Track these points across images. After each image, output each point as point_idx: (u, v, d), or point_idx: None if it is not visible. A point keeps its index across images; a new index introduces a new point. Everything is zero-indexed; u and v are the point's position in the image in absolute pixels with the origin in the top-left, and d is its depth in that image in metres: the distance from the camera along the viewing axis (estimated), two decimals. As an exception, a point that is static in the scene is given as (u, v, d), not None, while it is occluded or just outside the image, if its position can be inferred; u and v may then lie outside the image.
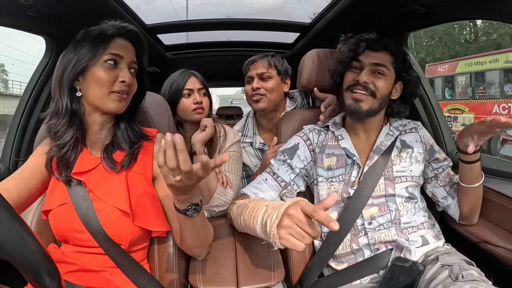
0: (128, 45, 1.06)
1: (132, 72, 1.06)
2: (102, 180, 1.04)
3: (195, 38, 2.75)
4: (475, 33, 18.19)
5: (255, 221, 1.03)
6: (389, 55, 1.29)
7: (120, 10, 1.57)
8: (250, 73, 1.84)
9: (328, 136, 1.38)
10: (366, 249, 1.22)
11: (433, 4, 1.31)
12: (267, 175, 1.36)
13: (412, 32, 1.79)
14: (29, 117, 1.66)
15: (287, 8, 10.59)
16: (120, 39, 1.04)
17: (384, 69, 1.26)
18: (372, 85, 1.25)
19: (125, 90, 1.02)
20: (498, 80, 9.79)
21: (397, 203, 1.24)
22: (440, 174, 1.33)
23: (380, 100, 1.26)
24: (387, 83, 1.28)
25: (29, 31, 1.48)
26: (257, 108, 1.83)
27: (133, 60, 1.06)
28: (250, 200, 1.18)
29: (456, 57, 13.86)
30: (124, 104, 1.05)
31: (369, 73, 1.26)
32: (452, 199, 1.33)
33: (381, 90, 1.26)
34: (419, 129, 1.37)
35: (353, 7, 1.53)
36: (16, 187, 1.01)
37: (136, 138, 1.09)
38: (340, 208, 1.28)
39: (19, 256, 0.53)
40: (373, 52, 1.28)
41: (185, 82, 1.66)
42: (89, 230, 0.98)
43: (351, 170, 1.30)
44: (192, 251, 1.14)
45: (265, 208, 1.01)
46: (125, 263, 1.02)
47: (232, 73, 2.33)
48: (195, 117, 1.65)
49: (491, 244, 1.27)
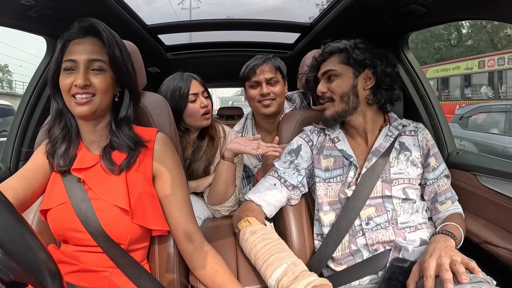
0: (88, 42, 1.02)
1: (95, 70, 1.01)
2: (102, 177, 1.04)
3: (195, 38, 2.76)
4: (459, 37, 18.64)
5: (268, 272, 1.05)
6: (336, 55, 1.35)
7: (121, 10, 1.58)
8: (257, 77, 1.82)
9: (326, 138, 1.39)
10: (364, 250, 1.22)
11: (433, 4, 1.31)
12: (275, 179, 1.35)
13: (412, 32, 1.80)
14: (30, 118, 1.67)
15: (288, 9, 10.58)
16: (78, 39, 1.01)
17: (333, 71, 1.33)
18: (329, 92, 1.33)
19: (80, 92, 0.98)
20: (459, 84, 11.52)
21: (394, 204, 1.24)
22: (427, 186, 1.34)
23: (342, 100, 1.31)
24: (343, 81, 1.32)
25: (30, 32, 1.48)
26: (268, 113, 1.84)
27: (93, 58, 1.00)
28: (267, 232, 1.18)
29: (441, 60, 15.52)
30: (87, 107, 1.00)
31: (325, 82, 1.35)
32: (433, 214, 1.35)
33: (337, 90, 1.32)
34: (419, 132, 1.36)
35: (354, 8, 1.53)
36: (21, 185, 1.02)
37: (133, 144, 1.07)
38: (338, 209, 1.28)
39: (21, 256, 0.53)
40: (324, 63, 1.39)
41: (189, 87, 1.64)
42: (88, 231, 0.98)
43: (348, 171, 1.30)
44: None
45: (284, 267, 1.04)
46: (125, 263, 1.01)
47: (232, 73, 2.33)
48: (203, 122, 1.65)
49: (491, 245, 1.27)
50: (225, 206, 1.54)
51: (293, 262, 1.05)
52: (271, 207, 1.30)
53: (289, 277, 0.99)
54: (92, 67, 1.00)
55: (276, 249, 1.10)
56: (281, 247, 1.11)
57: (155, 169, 1.10)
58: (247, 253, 1.17)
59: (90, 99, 0.99)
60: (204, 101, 1.65)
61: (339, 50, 1.34)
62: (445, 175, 1.35)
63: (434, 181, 1.32)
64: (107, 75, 1.02)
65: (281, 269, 1.03)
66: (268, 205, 1.29)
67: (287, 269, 1.02)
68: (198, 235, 1.11)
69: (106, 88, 1.02)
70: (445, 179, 1.35)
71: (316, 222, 1.33)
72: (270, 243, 1.12)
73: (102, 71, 1.02)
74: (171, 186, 1.10)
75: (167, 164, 1.11)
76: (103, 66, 1.02)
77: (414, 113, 1.75)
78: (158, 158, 1.10)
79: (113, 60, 1.03)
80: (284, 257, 1.06)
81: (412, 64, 1.76)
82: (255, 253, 1.12)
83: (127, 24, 1.72)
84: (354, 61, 1.30)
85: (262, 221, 1.23)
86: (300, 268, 1.03)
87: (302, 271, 1.02)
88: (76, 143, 1.08)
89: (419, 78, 1.75)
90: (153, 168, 1.09)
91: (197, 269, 1.08)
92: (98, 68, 1.01)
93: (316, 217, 1.33)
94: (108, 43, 1.02)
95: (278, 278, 1.01)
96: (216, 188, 1.53)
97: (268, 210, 1.29)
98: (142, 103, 1.28)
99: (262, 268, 1.07)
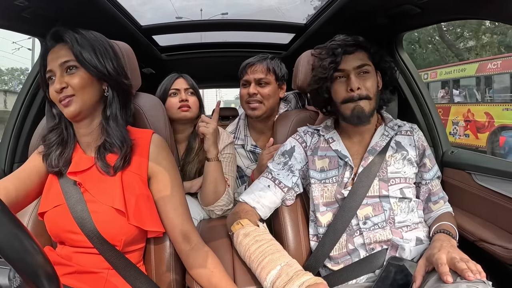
0: (57, 49, 1.04)
1: (69, 71, 1.02)
2: (97, 180, 1.04)
3: (190, 39, 2.75)
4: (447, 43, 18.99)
5: (263, 274, 1.05)
6: (364, 51, 1.30)
7: (115, 11, 1.57)
8: (247, 76, 1.78)
9: (321, 138, 1.38)
10: (361, 249, 1.22)
11: (428, 4, 1.31)
12: (269, 181, 1.33)
13: (407, 32, 1.80)
14: (24, 118, 1.66)
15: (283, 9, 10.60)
16: (51, 49, 1.04)
17: (367, 67, 1.28)
18: (363, 88, 1.26)
19: (62, 96, 1.01)
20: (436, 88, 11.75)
21: (391, 203, 1.24)
22: (422, 186, 1.34)
23: (374, 98, 1.28)
24: (373, 80, 1.29)
25: (24, 33, 1.47)
26: (252, 115, 1.79)
27: (63, 61, 1.02)
28: (260, 233, 1.17)
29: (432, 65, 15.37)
30: (71, 108, 1.02)
31: (356, 77, 1.27)
32: (426, 213, 1.35)
33: (372, 89, 1.27)
34: (414, 133, 1.37)
35: (348, 8, 1.54)
36: (13, 185, 1.03)
37: (121, 142, 1.06)
38: (335, 208, 1.28)
39: (17, 259, 0.52)
40: (351, 55, 1.28)
41: (172, 83, 1.70)
42: (84, 233, 0.98)
43: (344, 171, 1.29)
44: None
45: (278, 268, 1.03)
46: (121, 265, 1.02)
47: (227, 74, 2.34)
48: (180, 115, 1.66)
49: (487, 243, 1.28)
50: (218, 205, 1.54)
51: (286, 263, 1.05)
52: (265, 209, 1.29)
53: (283, 279, 0.99)
54: (65, 70, 1.02)
55: (270, 250, 1.09)
56: (274, 248, 1.11)
57: (150, 170, 1.09)
58: (242, 255, 1.16)
59: (70, 99, 1.01)
60: (184, 96, 1.67)
61: (365, 47, 1.30)
62: (437, 176, 1.36)
63: (429, 182, 1.33)
64: (80, 73, 1.03)
65: (275, 271, 1.02)
66: (263, 207, 1.28)
67: (281, 271, 1.02)
68: (194, 235, 1.11)
69: (82, 85, 1.02)
70: (437, 180, 1.36)
71: (312, 223, 1.33)
72: (263, 244, 1.11)
73: (74, 70, 1.02)
74: (167, 187, 1.10)
75: (163, 165, 1.11)
76: (73, 65, 1.02)
77: (408, 113, 1.76)
78: (153, 159, 1.10)
79: (81, 57, 1.02)
80: (278, 258, 1.06)
81: (407, 64, 1.77)
82: (249, 256, 1.12)
83: (121, 25, 1.71)
84: (377, 60, 1.30)
85: (255, 222, 1.22)
86: (294, 268, 1.03)
87: (296, 271, 1.01)
88: (72, 147, 1.09)
89: (414, 78, 1.76)
90: (148, 169, 1.09)
91: (193, 269, 1.09)
92: (69, 69, 1.02)
93: (312, 218, 1.33)
94: (71, 42, 1.02)
95: (272, 280, 1.01)
96: (205, 188, 1.53)
97: (263, 212, 1.28)
98: (137, 105, 1.27)
99: (257, 271, 1.07)
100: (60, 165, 1.05)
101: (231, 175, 1.64)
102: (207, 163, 1.51)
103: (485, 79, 9.90)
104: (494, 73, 9.72)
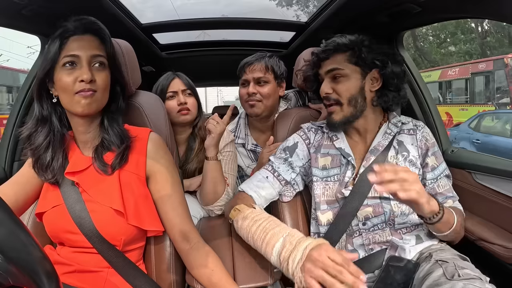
0: (88, 39, 1.01)
1: (97, 66, 1.01)
2: (95, 180, 1.03)
3: (191, 37, 2.75)
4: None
5: (268, 249, 1.05)
6: (342, 53, 1.26)
7: (115, 9, 1.57)
8: (246, 76, 1.77)
9: (324, 135, 1.37)
10: (360, 249, 1.22)
11: (428, 3, 1.31)
12: (268, 172, 1.34)
13: (407, 31, 1.80)
14: (24, 117, 1.65)
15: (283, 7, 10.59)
16: (77, 36, 1.00)
17: (340, 71, 1.25)
18: (334, 93, 1.26)
19: (86, 88, 0.97)
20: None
21: (392, 205, 1.22)
22: (426, 186, 1.28)
23: (350, 104, 1.25)
24: (351, 83, 1.25)
25: (24, 31, 1.47)
26: (252, 113, 1.79)
27: (96, 54, 1.00)
28: (258, 213, 1.17)
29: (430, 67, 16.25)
30: (91, 102, 0.99)
31: (329, 81, 1.26)
32: None
33: (345, 93, 1.24)
34: (418, 131, 1.32)
35: (348, 6, 1.53)
36: (12, 190, 1.03)
37: (122, 138, 1.06)
38: (335, 208, 1.27)
39: (17, 257, 0.52)
40: (327, 60, 1.29)
41: (168, 84, 1.67)
42: (83, 233, 0.98)
43: (345, 170, 1.28)
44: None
45: (282, 240, 1.03)
46: (120, 264, 1.01)
47: (226, 72, 2.33)
48: (180, 118, 1.65)
49: (487, 242, 1.28)
50: (217, 205, 1.53)
51: (288, 233, 1.05)
52: (261, 199, 1.29)
53: (288, 248, 0.99)
54: (94, 63, 1.00)
55: (270, 226, 1.09)
56: (273, 223, 1.11)
57: (148, 169, 1.09)
58: (245, 239, 1.16)
59: (93, 95, 0.99)
60: (182, 99, 1.65)
61: (345, 47, 1.25)
62: (446, 175, 1.30)
63: (433, 181, 1.28)
64: (107, 73, 1.03)
65: (279, 244, 1.02)
66: (259, 196, 1.29)
67: (284, 241, 1.02)
68: (194, 234, 1.11)
69: (106, 85, 1.02)
70: (445, 179, 1.30)
71: (313, 221, 1.33)
72: (263, 223, 1.11)
73: (103, 68, 1.02)
74: (166, 186, 1.10)
75: (161, 163, 1.10)
76: (104, 63, 1.02)
77: (409, 112, 1.76)
78: (151, 158, 1.09)
79: (112, 58, 1.04)
80: (279, 231, 1.06)
81: (407, 63, 1.76)
82: (252, 236, 1.12)
83: (121, 23, 1.71)
84: (362, 60, 1.24)
85: (250, 206, 1.22)
86: (296, 237, 1.02)
87: (299, 238, 1.01)
88: (61, 151, 1.05)
89: (414, 77, 1.75)
90: (146, 168, 1.09)
91: (193, 268, 1.08)
92: (100, 65, 1.01)
93: (313, 216, 1.33)
94: (107, 40, 1.03)
95: (278, 251, 1.01)
96: (204, 187, 1.52)
97: (259, 201, 1.28)
98: (137, 103, 1.27)
99: (262, 248, 1.07)
100: (55, 173, 1.03)
101: (231, 173, 1.63)
102: (205, 162, 1.50)
103: (446, 84, 11.76)
104: (453, 78, 11.53)
